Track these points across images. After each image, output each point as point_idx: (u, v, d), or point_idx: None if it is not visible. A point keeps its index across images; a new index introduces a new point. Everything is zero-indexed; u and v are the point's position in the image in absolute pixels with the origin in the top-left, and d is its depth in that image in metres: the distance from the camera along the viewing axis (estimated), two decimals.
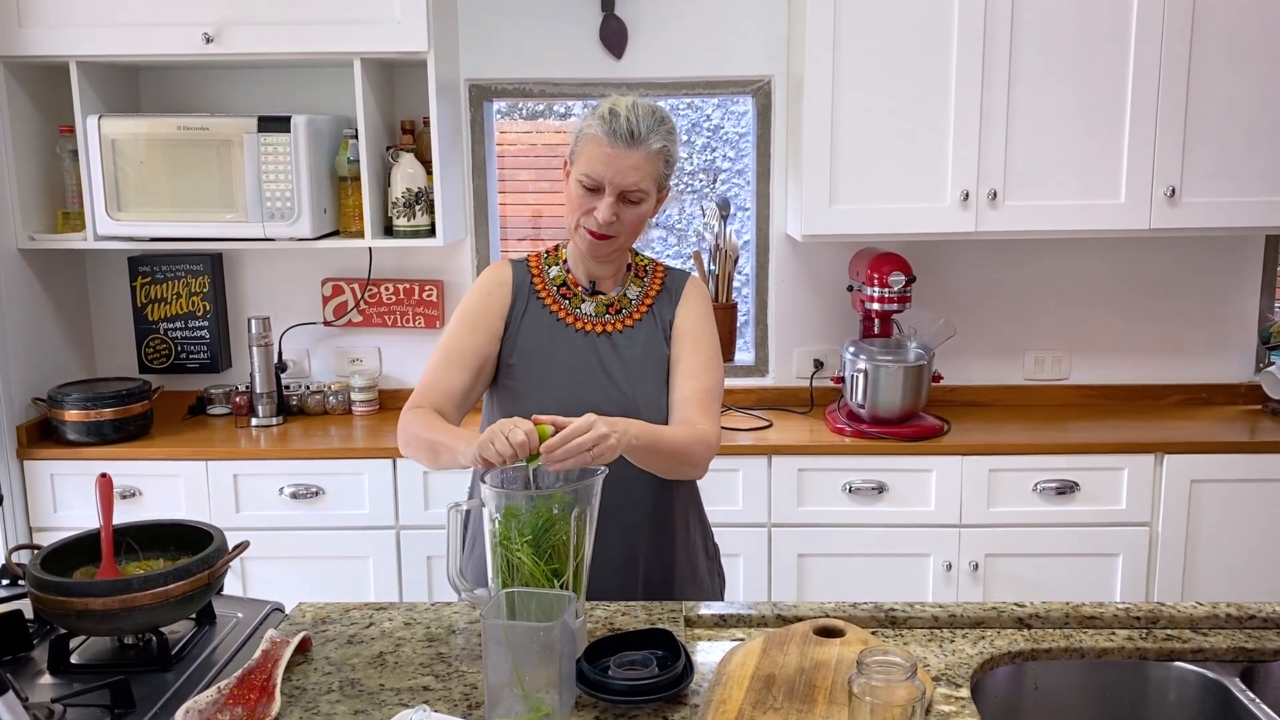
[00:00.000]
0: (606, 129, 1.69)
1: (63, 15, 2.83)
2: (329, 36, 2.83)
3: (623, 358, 1.80)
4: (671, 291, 1.87)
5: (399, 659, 1.50)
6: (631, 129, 1.69)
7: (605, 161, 1.70)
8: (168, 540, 1.65)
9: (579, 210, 1.75)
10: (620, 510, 1.74)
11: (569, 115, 5.08)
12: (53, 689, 1.44)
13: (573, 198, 1.76)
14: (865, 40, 2.83)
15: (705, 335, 1.84)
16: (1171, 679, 1.54)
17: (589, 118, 1.74)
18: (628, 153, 1.69)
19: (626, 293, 1.86)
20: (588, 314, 1.83)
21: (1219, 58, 2.81)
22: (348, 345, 3.36)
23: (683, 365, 1.80)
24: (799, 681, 1.37)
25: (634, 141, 1.69)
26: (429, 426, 1.67)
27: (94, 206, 2.91)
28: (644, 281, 1.88)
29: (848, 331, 3.24)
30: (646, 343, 1.82)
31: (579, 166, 1.73)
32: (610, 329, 1.82)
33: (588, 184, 1.72)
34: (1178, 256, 3.24)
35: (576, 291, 1.84)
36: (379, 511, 2.91)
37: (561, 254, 1.88)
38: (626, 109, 1.71)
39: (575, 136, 1.76)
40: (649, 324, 1.84)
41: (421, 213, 2.99)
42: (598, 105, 1.75)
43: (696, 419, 1.73)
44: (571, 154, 1.77)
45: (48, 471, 2.91)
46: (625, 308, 1.84)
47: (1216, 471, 2.85)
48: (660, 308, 1.86)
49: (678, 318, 1.85)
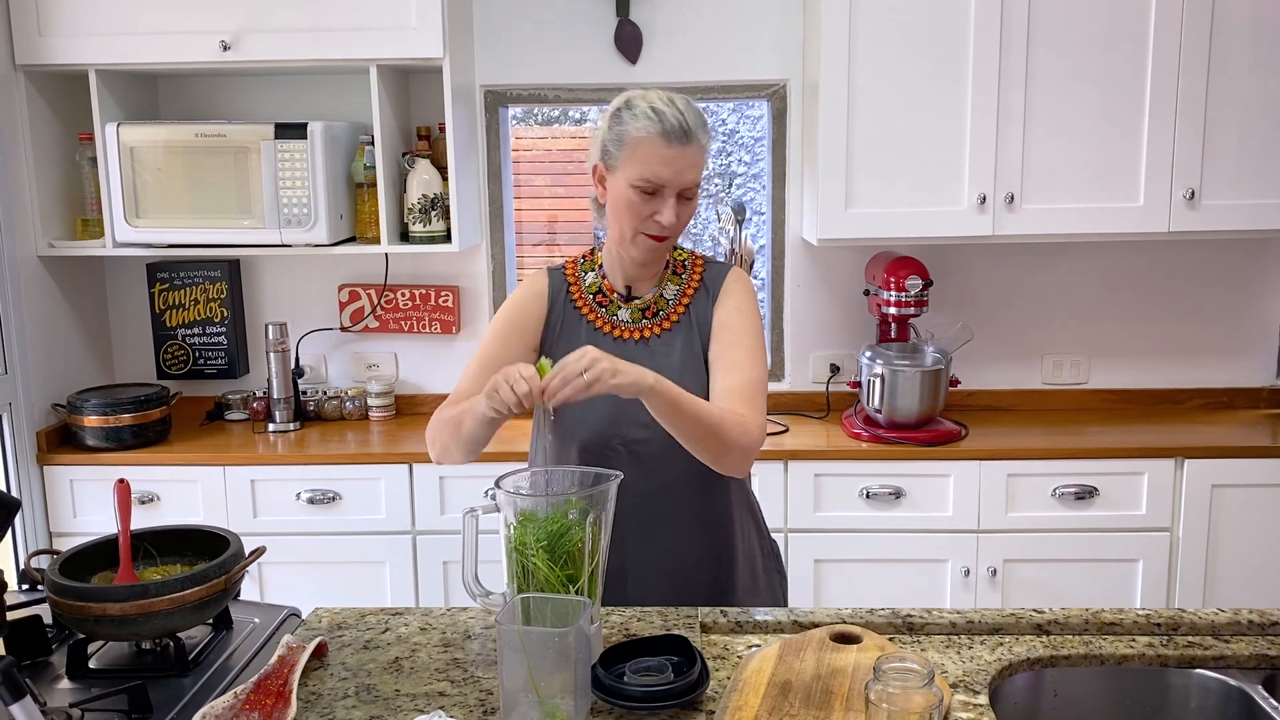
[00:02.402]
0: (659, 129, 1.64)
1: (82, 24, 2.85)
2: (345, 44, 2.84)
3: (660, 364, 1.72)
4: (710, 288, 1.82)
5: (415, 664, 1.50)
6: (683, 126, 1.65)
7: (664, 162, 1.65)
8: (185, 545, 1.66)
9: (637, 216, 1.69)
10: (673, 517, 1.73)
11: (584, 120, 5.08)
12: (71, 694, 1.45)
13: (627, 204, 1.69)
14: (881, 43, 2.82)
15: (746, 328, 1.77)
16: (1193, 686, 1.52)
17: (629, 120, 1.67)
18: (684, 150, 1.65)
19: (664, 293, 1.81)
20: (624, 320, 1.79)
21: (1239, 58, 2.79)
22: (364, 351, 3.37)
23: (723, 360, 1.74)
24: (815, 688, 1.37)
25: (688, 138, 1.66)
26: (450, 407, 1.69)
27: (113, 213, 2.93)
28: (682, 279, 1.82)
29: (864, 336, 3.23)
30: (684, 346, 1.78)
31: (630, 171, 1.67)
32: (647, 334, 1.78)
33: (647, 187, 1.67)
34: (1197, 259, 3.22)
35: (612, 298, 1.80)
36: (395, 517, 2.92)
37: (597, 259, 1.83)
38: (668, 105, 1.66)
39: (610, 141, 1.70)
40: (685, 326, 1.79)
41: (437, 218, 3.00)
42: (629, 106, 1.69)
43: (737, 407, 1.68)
44: (608, 160, 1.71)
45: (67, 477, 2.93)
46: (662, 309, 1.80)
47: (1238, 476, 2.82)
48: (697, 307, 1.80)
49: (717, 313, 1.79)
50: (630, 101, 1.70)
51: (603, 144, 1.71)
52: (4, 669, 1.13)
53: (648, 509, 1.74)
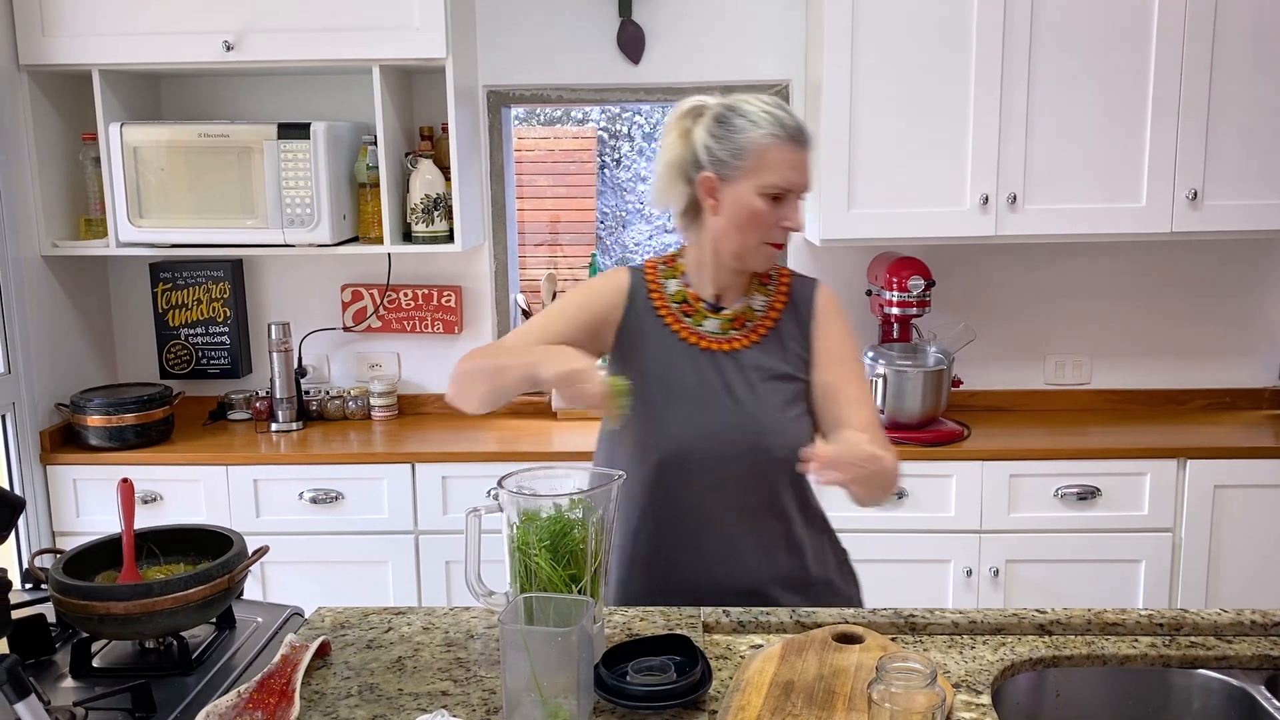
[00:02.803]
0: (785, 134, 1.62)
1: (85, 25, 2.85)
2: (348, 44, 2.84)
3: (748, 378, 1.69)
4: (799, 305, 1.76)
5: (418, 664, 1.50)
6: (800, 126, 1.64)
7: (793, 166, 1.63)
8: (188, 545, 1.66)
9: (764, 224, 1.64)
10: (752, 536, 1.70)
11: (586, 121, 5.09)
12: (75, 692, 1.45)
13: (752, 213, 1.64)
14: (883, 43, 2.82)
15: (855, 355, 1.76)
16: (1195, 687, 1.52)
17: (745, 127, 1.63)
18: (806, 151, 1.64)
19: (751, 304, 1.74)
20: (711, 331, 1.72)
21: (1242, 58, 2.79)
22: (367, 351, 3.37)
23: (848, 392, 1.70)
24: (818, 688, 1.37)
25: (807, 139, 1.64)
26: (490, 353, 1.63)
27: (116, 213, 2.94)
28: (769, 289, 1.76)
29: (867, 336, 3.23)
30: (773, 362, 1.72)
31: (759, 178, 1.62)
32: (735, 346, 1.72)
33: (776, 193, 1.63)
34: (1200, 260, 3.22)
35: (699, 308, 1.74)
36: (398, 516, 2.92)
37: (679, 267, 1.76)
38: (777, 108, 1.64)
39: (723, 152, 1.64)
40: (775, 340, 1.73)
41: (440, 219, 3.00)
42: (737, 113, 1.65)
43: (877, 442, 1.64)
44: (723, 171, 1.65)
45: (70, 476, 2.93)
46: (750, 320, 1.73)
47: (1240, 477, 2.82)
48: (788, 323, 1.74)
49: (821, 339, 1.74)
50: (736, 109, 1.66)
51: (711, 156, 1.65)
52: (9, 668, 1.14)
53: (727, 528, 1.70)
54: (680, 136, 1.71)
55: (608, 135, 5.12)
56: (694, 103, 1.73)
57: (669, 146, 1.73)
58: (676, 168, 1.71)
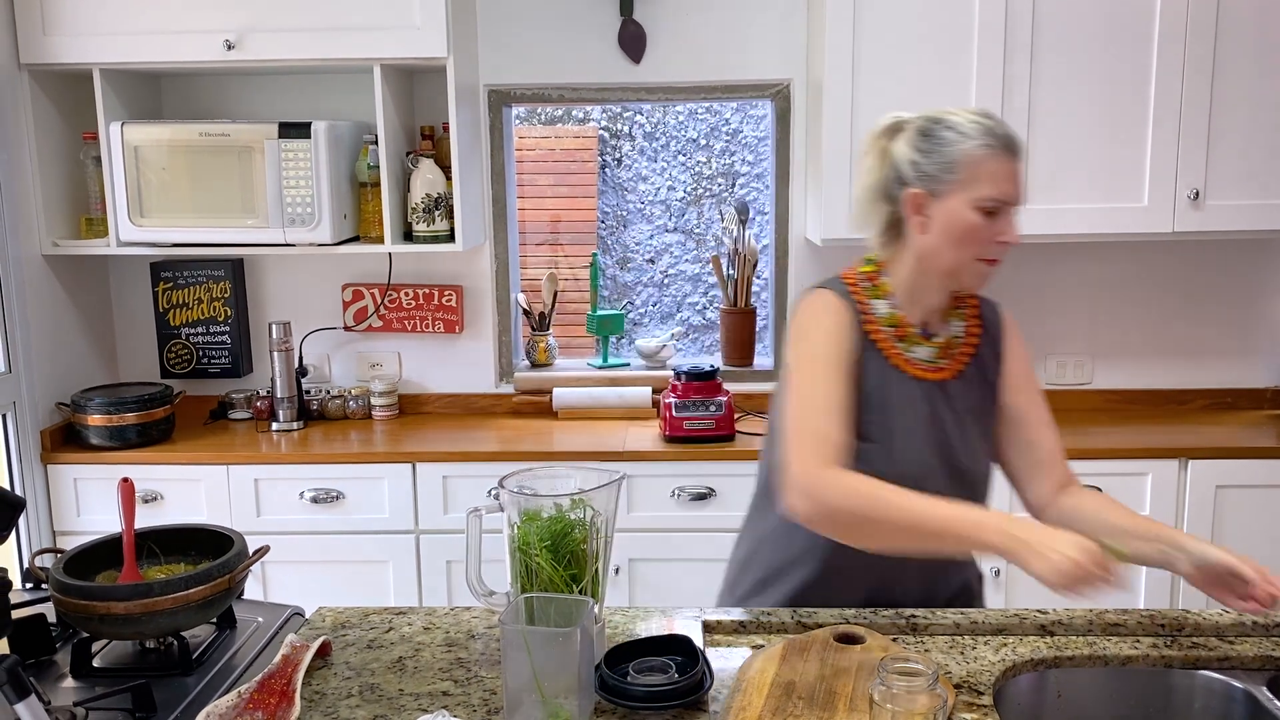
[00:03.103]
0: (999, 144, 1.54)
1: (86, 24, 2.85)
2: (349, 43, 2.84)
3: (954, 409, 1.64)
4: (991, 329, 1.72)
5: (418, 664, 1.50)
6: (1012, 136, 1.56)
7: (1009, 178, 1.55)
8: (189, 544, 1.66)
9: (978, 241, 1.56)
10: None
11: (587, 120, 5.08)
12: (75, 692, 1.45)
13: (967, 229, 1.56)
14: (884, 43, 2.82)
15: (1036, 376, 1.74)
16: (1197, 688, 1.52)
17: (956, 140, 1.55)
18: (1018, 162, 1.56)
19: (952, 329, 1.69)
20: (921, 359, 1.65)
21: (1243, 59, 2.78)
22: (368, 350, 3.37)
23: (1037, 415, 1.70)
24: (819, 689, 1.36)
25: (1019, 150, 1.57)
26: (908, 500, 1.44)
27: (117, 212, 2.94)
28: (962, 314, 1.71)
29: None
30: (976, 394, 1.67)
31: (974, 192, 1.54)
32: (941, 376, 1.65)
33: (992, 206, 1.54)
34: (1202, 260, 3.22)
35: (910, 333, 1.65)
36: (399, 516, 2.92)
37: (884, 287, 1.66)
38: (986, 118, 1.56)
39: (932, 166, 1.56)
40: (976, 370, 1.68)
41: (441, 218, 3.00)
42: (945, 125, 1.56)
43: (1071, 476, 1.72)
44: (933, 186, 1.57)
45: (70, 476, 2.93)
46: (953, 349, 1.68)
47: (1242, 477, 2.81)
48: (985, 351, 1.69)
49: (1010, 361, 1.70)
50: (943, 121, 1.58)
51: (918, 171, 1.58)
52: (9, 668, 1.13)
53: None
54: (879, 156, 1.64)
55: (609, 135, 5.11)
56: (891, 119, 1.64)
57: (868, 169, 1.65)
58: (878, 188, 1.64)
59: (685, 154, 4.99)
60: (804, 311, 1.65)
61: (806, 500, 1.49)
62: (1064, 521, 1.63)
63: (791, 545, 1.69)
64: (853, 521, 1.47)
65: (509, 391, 3.35)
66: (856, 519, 1.47)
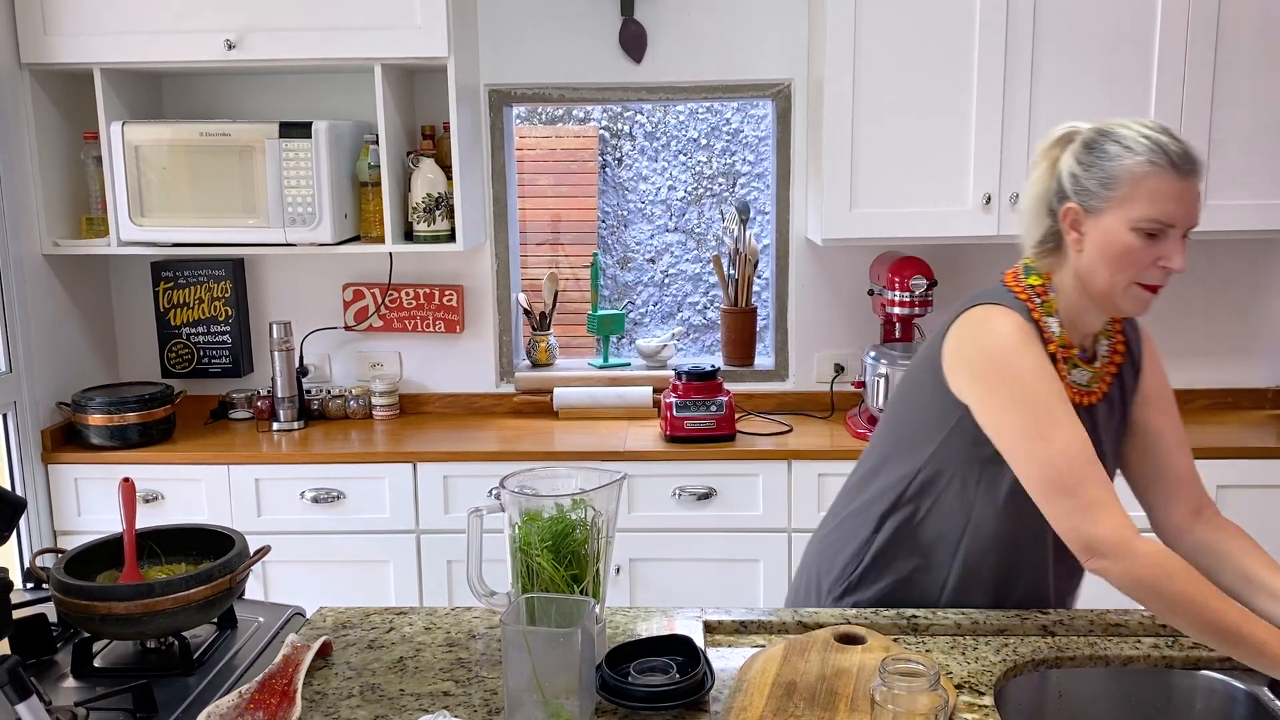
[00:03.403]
0: (1167, 160, 1.46)
1: (87, 23, 2.85)
2: (350, 43, 2.84)
3: (1097, 435, 1.59)
4: (1133, 352, 1.67)
5: (419, 664, 1.50)
6: (1186, 152, 1.47)
7: (1174, 197, 1.46)
8: (190, 544, 1.66)
9: (1137, 264, 1.49)
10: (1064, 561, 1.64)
11: (588, 120, 5.08)
12: (76, 692, 1.45)
13: (1124, 250, 1.49)
14: (886, 42, 2.82)
15: (1173, 397, 1.68)
16: (1198, 688, 1.52)
17: (1120, 154, 1.48)
18: (1193, 183, 1.48)
19: (1100, 352, 1.64)
20: (1078, 383, 1.60)
21: (1245, 58, 2.78)
22: (368, 350, 3.37)
23: (1173, 435, 1.66)
24: (820, 689, 1.36)
25: (1195, 168, 1.48)
26: (1223, 607, 1.39)
27: (117, 212, 2.94)
28: (1109, 334, 1.65)
29: (868, 336, 3.23)
30: (1115, 415, 1.64)
31: (1133, 211, 1.47)
32: (1089, 401, 1.61)
33: (1153, 228, 1.47)
34: (1203, 260, 3.21)
35: (1073, 355, 1.60)
36: (399, 516, 2.92)
37: (1053, 303, 1.59)
38: (1160, 132, 1.49)
39: (1091, 180, 1.50)
40: (1117, 391, 1.64)
41: (441, 218, 3.00)
42: (1111, 138, 1.50)
43: (1206, 501, 1.66)
44: (1089, 202, 1.51)
45: (71, 475, 2.93)
46: (1102, 370, 1.63)
47: (1244, 477, 2.81)
48: (1125, 371, 1.65)
49: (1147, 380, 1.66)
50: (1110, 133, 1.51)
51: (1077, 186, 1.52)
52: (10, 668, 1.13)
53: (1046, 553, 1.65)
54: (1049, 167, 1.58)
55: (609, 134, 5.11)
56: (1065, 129, 1.58)
57: (1036, 180, 1.60)
58: (1042, 200, 1.58)
59: (686, 154, 4.99)
60: (999, 335, 1.55)
61: (1119, 569, 1.44)
62: (1199, 560, 1.57)
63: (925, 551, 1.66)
64: (1159, 605, 1.42)
65: (509, 391, 3.35)
66: (1164, 605, 1.42)
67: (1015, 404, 1.52)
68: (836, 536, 1.78)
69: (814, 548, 1.84)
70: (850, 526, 1.75)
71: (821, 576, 1.78)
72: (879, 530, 1.69)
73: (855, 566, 1.72)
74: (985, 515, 1.61)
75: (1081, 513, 1.47)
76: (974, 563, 1.64)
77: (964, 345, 1.59)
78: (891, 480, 1.68)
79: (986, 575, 1.65)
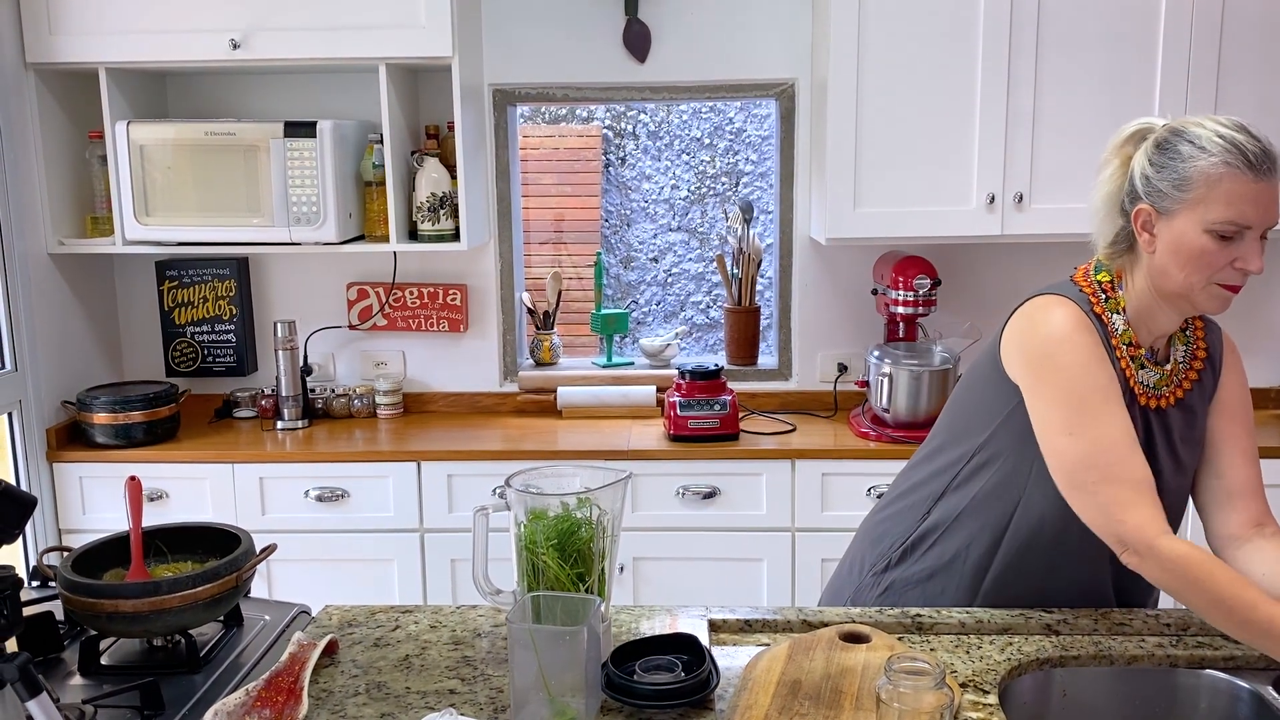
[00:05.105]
0: (1243, 162, 1.42)
1: (92, 23, 2.86)
2: (354, 42, 2.84)
3: (1172, 440, 1.57)
4: (1214, 358, 1.63)
5: (425, 662, 1.51)
6: (1266, 151, 1.43)
7: (1249, 198, 1.43)
8: (196, 543, 1.67)
9: (1211, 265, 1.46)
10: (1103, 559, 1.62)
11: (591, 119, 5.08)
12: (83, 690, 1.46)
13: (1199, 252, 1.45)
14: (890, 42, 2.82)
15: (1251, 407, 1.65)
16: (1203, 687, 1.52)
17: (1193, 154, 1.44)
18: (1271, 183, 1.44)
19: (1176, 355, 1.60)
20: (1146, 385, 1.57)
21: (1248, 59, 2.78)
22: (372, 349, 3.37)
23: (1240, 445, 1.62)
24: (825, 687, 1.37)
25: (1275, 167, 1.44)
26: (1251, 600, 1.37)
27: (122, 211, 2.94)
28: (1188, 338, 1.62)
29: (872, 335, 3.23)
30: (1198, 425, 1.61)
31: (1207, 213, 1.44)
32: (1161, 404, 1.57)
33: (1227, 230, 1.44)
34: None
35: (1139, 355, 1.57)
36: (403, 514, 2.92)
37: (1120, 300, 1.57)
38: (1239, 131, 1.44)
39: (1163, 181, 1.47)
40: (1196, 398, 1.60)
41: (445, 217, 3.01)
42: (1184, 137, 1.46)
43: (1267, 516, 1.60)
44: (1161, 203, 1.47)
45: (76, 474, 2.94)
46: (1177, 374, 1.60)
47: None
48: (1206, 380, 1.61)
49: (1224, 387, 1.63)
50: (1184, 132, 1.47)
51: (1149, 186, 1.49)
52: (21, 665, 1.14)
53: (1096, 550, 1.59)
54: (1121, 165, 1.55)
55: (613, 134, 5.11)
56: (1138, 125, 1.54)
57: (1108, 178, 1.57)
58: (1113, 199, 1.56)
59: (689, 153, 4.99)
60: (1053, 324, 1.55)
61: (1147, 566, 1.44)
62: (1251, 570, 1.55)
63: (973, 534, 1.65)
64: (1186, 597, 1.42)
65: (513, 390, 3.36)
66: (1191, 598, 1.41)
67: (1054, 395, 1.52)
68: (886, 515, 1.79)
69: (863, 529, 1.86)
70: (901, 506, 1.76)
71: (865, 554, 1.79)
72: (930, 512, 1.69)
73: (901, 544, 1.72)
74: (1034, 501, 1.60)
75: (1103, 509, 1.47)
76: (1020, 549, 1.63)
77: (1020, 332, 1.60)
78: (947, 462, 1.69)
79: (1034, 562, 1.63)
